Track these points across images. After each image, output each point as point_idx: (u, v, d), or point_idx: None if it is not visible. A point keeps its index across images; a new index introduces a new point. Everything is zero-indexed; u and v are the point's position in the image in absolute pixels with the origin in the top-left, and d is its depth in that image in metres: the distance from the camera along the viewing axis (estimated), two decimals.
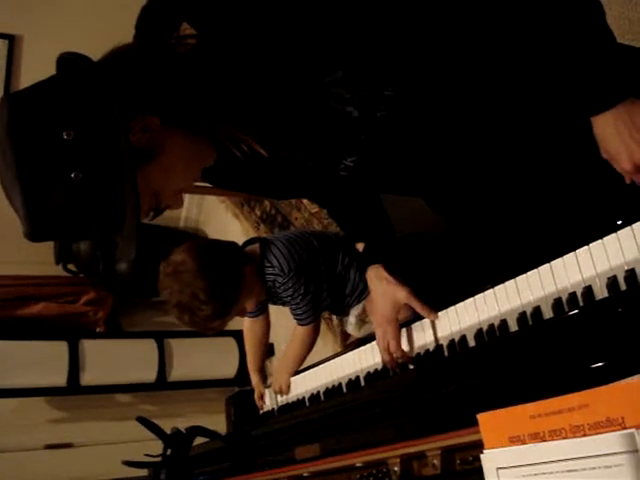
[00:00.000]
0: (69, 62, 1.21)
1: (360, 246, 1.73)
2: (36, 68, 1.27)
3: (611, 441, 0.73)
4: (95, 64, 1.19)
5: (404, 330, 1.61)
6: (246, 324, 2.49)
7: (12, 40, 4.53)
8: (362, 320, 2.31)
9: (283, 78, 1.23)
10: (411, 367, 1.57)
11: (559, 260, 1.23)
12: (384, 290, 1.61)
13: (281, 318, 2.63)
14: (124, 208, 1.19)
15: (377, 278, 1.63)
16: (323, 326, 3.63)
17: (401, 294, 1.58)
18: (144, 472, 2.04)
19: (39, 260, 4.84)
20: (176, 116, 1.24)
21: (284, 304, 2.27)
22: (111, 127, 1.16)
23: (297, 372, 2.19)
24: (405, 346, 1.60)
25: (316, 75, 1.22)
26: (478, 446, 0.91)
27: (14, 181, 1.14)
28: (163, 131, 1.23)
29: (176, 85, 1.23)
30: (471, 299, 1.42)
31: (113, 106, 1.15)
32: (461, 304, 1.44)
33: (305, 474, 1.41)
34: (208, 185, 1.61)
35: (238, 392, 2.47)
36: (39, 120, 1.14)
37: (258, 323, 2.46)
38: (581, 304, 1.16)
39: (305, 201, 4.10)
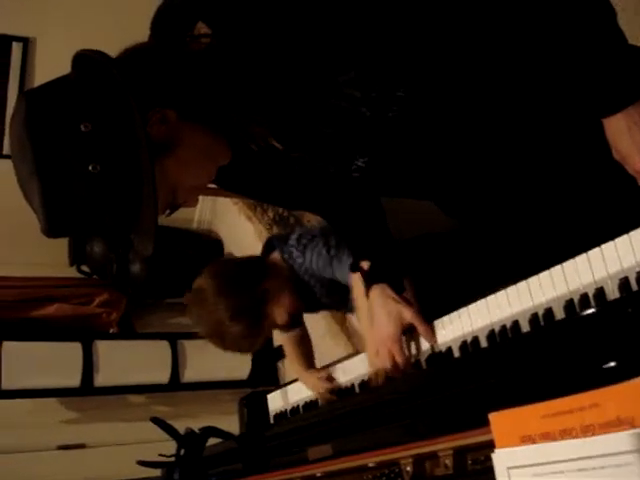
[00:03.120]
0: (85, 58, 1.23)
1: (364, 264, 1.71)
2: (50, 70, 1.28)
3: (621, 440, 0.73)
4: (111, 58, 1.21)
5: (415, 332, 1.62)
6: (282, 342, 2.46)
7: (26, 43, 4.55)
8: None
9: (297, 77, 1.23)
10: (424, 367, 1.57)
11: (571, 261, 1.23)
12: (390, 309, 1.59)
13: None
14: (141, 200, 1.19)
15: (382, 297, 1.61)
16: (336, 327, 3.64)
17: (407, 314, 1.57)
18: (158, 472, 2.05)
19: (53, 262, 4.86)
20: (192, 110, 1.25)
21: (316, 302, 2.24)
22: (128, 118, 1.17)
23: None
24: (416, 348, 1.60)
25: (329, 75, 1.23)
26: (489, 446, 0.92)
27: (32, 174, 1.15)
28: (180, 124, 1.24)
29: (191, 79, 1.24)
30: (483, 300, 1.42)
31: (130, 97, 1.16)
32: (473, 305, 1.45)
33: (318, 474, 1.42)
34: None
35: (251, 393, 2.47)
36: (56, 113, 1.15)
37: (293, 338, 2.41)
38: (593, 305, 1.17)
39: None
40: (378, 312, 1.62)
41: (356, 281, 1.78)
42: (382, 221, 1.74)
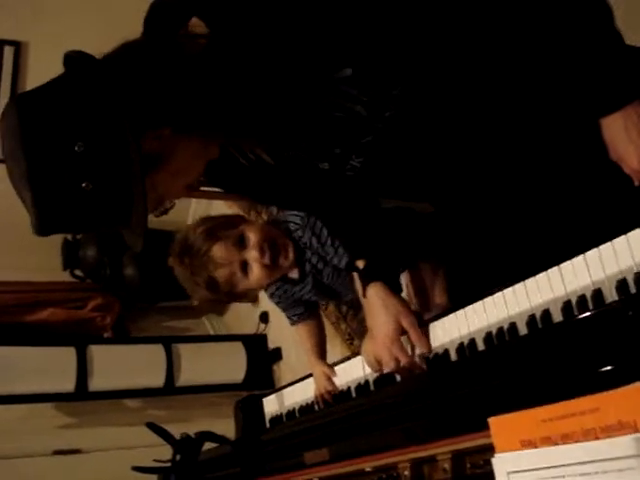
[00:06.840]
0: (77, 63, 1.22)
1: (360, 263, 1.69)
2: (42, 74, 1.27)
3: (623, 444, 0.72)
4: (105, 70, 1.20)
5: None
6: (297, 332, 2.46)
7: (18, 46, 4.54)
8: None
9: (293, 73, 1.23)
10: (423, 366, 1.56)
11: (568, 263, 1.23)
12: (388, 307, 1.56)
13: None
14: (131, 214, 1.23)
15: (380, 294, 1.59)
16: (331, 329, 3.63)
17: (404, 319, 1.54)
18: (153, 478, 2.04)
19: (46, 266, 4.86)
20: (187, 124, 1.26)
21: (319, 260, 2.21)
22: (122, 140, 1.18)
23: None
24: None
25: (325, 71, 1.22)
26: (489, 450, 0.91)
27: (26, 188, 1.17)
28: (173, 138, 1.25)
29: (187, 91, 1.24)
30: (480, 302, 1.41)
31: (125, 120, 1.18)
32: (470, 307, 1.44)
33: (315, 479, 1.41)
34: (215, 190, 1.60)
35: (247, 397, 2.46)
36: (50, 131, 1.16)
37: (305, 326, 2.41)
38: (591, 307, 1.16)
39: None
40: (376, 310, 1.59)
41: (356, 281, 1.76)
42: (377, 219, 1.73)
